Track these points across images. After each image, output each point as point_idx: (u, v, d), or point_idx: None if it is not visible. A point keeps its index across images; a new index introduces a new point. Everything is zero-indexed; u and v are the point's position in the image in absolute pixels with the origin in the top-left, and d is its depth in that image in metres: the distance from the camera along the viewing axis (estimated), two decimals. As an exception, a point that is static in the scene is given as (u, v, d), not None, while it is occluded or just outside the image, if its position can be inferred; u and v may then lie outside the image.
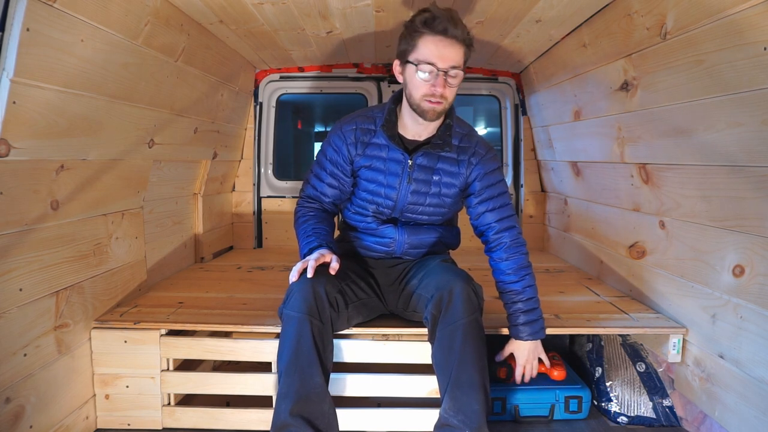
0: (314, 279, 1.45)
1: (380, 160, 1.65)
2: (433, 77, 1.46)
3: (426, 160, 1.64)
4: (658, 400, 1.79)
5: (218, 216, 2.91)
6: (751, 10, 1.23)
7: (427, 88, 1.48)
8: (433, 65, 1.45)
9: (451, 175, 1.66)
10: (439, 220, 1.75)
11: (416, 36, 1.47)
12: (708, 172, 1.56)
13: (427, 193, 1.66)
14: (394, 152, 1.63)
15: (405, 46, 1.50)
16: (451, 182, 1.66)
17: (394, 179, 1.65)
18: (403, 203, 1.67)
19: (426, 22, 1.45)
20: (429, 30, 1.44)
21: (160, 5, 1.69)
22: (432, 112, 1.52)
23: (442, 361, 1.45)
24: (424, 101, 1.50)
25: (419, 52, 1.46)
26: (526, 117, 3.10)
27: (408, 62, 1.50)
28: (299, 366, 1.40)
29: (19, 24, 1.18)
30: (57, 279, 1.53)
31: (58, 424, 1.53)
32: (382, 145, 1.64)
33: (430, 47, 1.45)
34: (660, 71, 1.65)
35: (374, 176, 1.66)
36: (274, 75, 3.06)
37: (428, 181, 1.65)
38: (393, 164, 1.64)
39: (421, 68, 1.46)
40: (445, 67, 1.45)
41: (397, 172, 1.64)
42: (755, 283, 1.40)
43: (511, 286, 1.62)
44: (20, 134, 1.29)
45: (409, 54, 1.49)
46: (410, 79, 1.51)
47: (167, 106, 2.00)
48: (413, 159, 1.63)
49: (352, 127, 1.66)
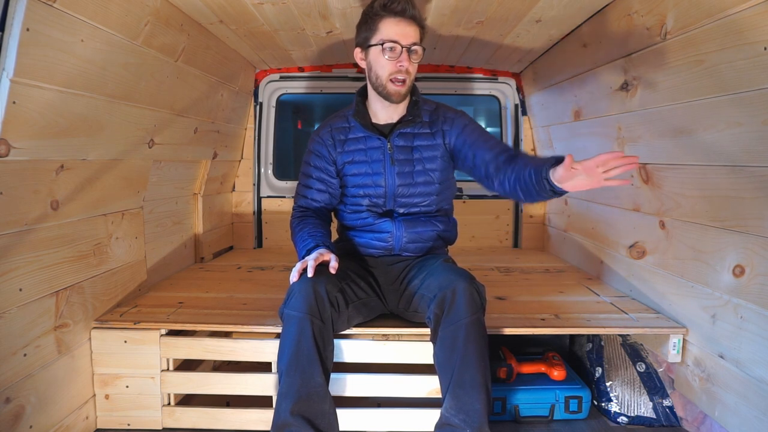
0: (315, 279, 1.46)
1: (360, 152, 1.74)
2: (398, 54, 1.58)
3: (403, 140, 1.73)
4: (658, 400, 1.79)
5: (218, 216, 2.91)
6: (751, 10, 1.23)
7: (393, 66, 1.59)
8: (397, 42, 1.57)
9: (430, 148, 1.74)
10: (434, 203, 1.76)
11: (377, 20, 1.60)
12: (708, 172, 1.56)
13: (413, 171, 1.73)
14: (371, 140, 1.73)
15: (366, 32, 1.63)
16: (432, 155, 1.73)
17: (378, 165, 1.72)
18: (392, 187, 1.72)
19: (385, 5, 1.57)
20: (388, 12, 1.58)
21: (160, 5, 1.69)
22: (397, 94, 1.63)
23: (445, 361, 1.45)
24: (390, 83, 1.61)
25: (382, 33, 1.59)
26: (526, 117, 3.10)
27: (371, 46, 1.62)
28: (300, 365, 1.40)
29: (19, 24, 1.18)
30: (57, 279, 1.53)
31: (58, 424, 1.53)
32: (359, 138, 1.74)
33: (392, 27, 1.58)
34: (660, 71, 1.65)
35: (359, 168, 1.74)
36: (274, 75, 3.06)
37: (410, 159, 1.72)
38: (373, 152, 1.72)
39: (386, 47, 1.58)
40: (407, 44, 1.58)
41: (379, 158, 1.72)
42: (755, 283, 1.40)
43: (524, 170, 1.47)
44: (20, 134, 1.29)
45: (372, 38, 1.61)
46: (375, 61, 1.62)
47: (167, 106, 2.01)
48: (391, 141, 1.71)
49: (327, 130, 1.77)
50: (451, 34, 2.30)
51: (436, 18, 2.06)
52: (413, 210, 1.75)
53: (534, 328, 1.72)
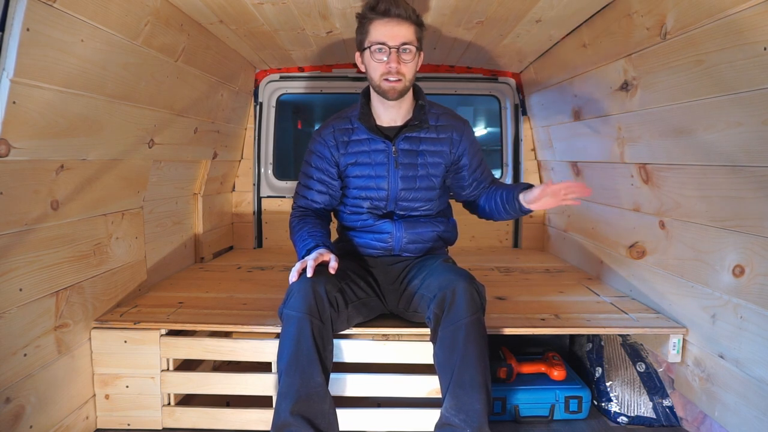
0: (314, 279, 1.46)
1: (364, 154, 1.72)
2: (386, 55, 1.58)
3: (408, 144, 1.71)
4: (658, 400, 1.79)
5: (218, 216, 2.91)
6: (751, 10, 1.23)
7: (383, 67, 1.59)
8: (383, 44, 1.57)
9: (435, 154, 1.74)
10: (434, 207, 1.78)
11: (366, 23, 1.60)
12: (708, 172, 1.56)
13: (416, 176, 1.72)
14: (376, 143, 1.71)
15: (360, 36, 1.64)
16: (436, 161, 1.74)
17: (382, 168, 1.71)
18: (395, 191, 1.72)
19: (372, 7, 1.58)
20: (375, 14, 1.58)
21: (160, 5, 1.69)
22: (392, 90, 1.61)
23: (445, 361, 1.45)
24: (383, 81, 1.60)
25: (371, 35, 1.59)
26: (526, 117, 3.10)
27: (365, 49, 1.62)
28: (300, 365, 1.40)
29: (19, 24, 1.18)
30: (57, 279, 1.53)
31: (58, 424, 1.53)
32: (363, 140, 1.72)
33: (379, 29, 1.58)
34: (660, 71, 1.65)
35: (362, 171, 1.73)
36: (274, 75, 3.06)
37: (414, 164, 1.72)
38: (377, 155, 1.71)
39: (373, 49, 1.58)
40: (395, 45, 1.57)
41: (383, 161, 1.71)
42: (755, 283, 1.40)
43: (495, 192, 1.77)
44: (20, 134, 1.29)
45: (364, 42, 1.62)
46: (368, 64, 1.63)
47: (167, 106, 2.01)
48: (395, 144, 1.70)
49: (330, 131, 1.75)
50: (451, 34, 2.31)
51: (436, 18, 2.06)
52: (414, 214, 1.76)
53: (534, 328, 1.72)
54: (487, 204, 1.79)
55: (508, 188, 1.73)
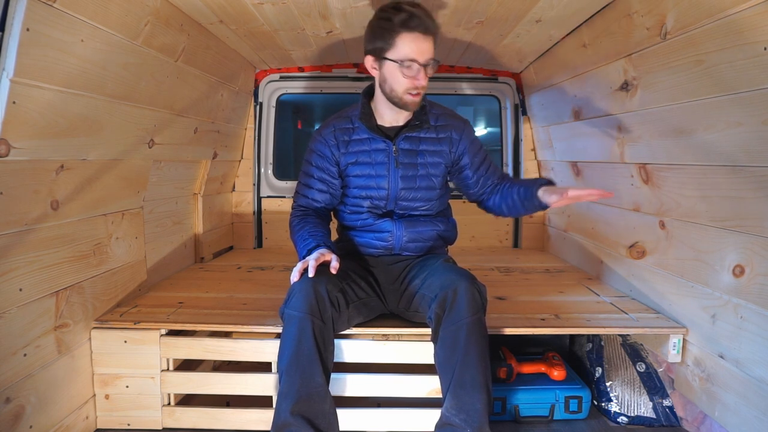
0: (315, 278, 1.45)
1: (365, 154, 1.72)
2: (415, 72, 1.56)
3: (408, 143, 1.72)
4: (658, 400, 1.79)
5: (218, 216, 2.91)
6: (751, 10, 1.23)
7: (410, 83, 1.57)
8: (414, 61, 1.54)
9: (435, 154, 1.74)
10: (434, 207, 1.78)
11: (394, 35, 1.54)
12: (708, 172, 1.56)
13: (416, 175, 1.73)
14: (376, 143, 1.71)
15: (381, 44, 1.57)
16: (436, 161, 1.74)
17: (382, 168, 1.71)
18: (395, 190, 1.72)
19: (404, 22, 1.52)
20: (407, 29, 1.52)
21: (160, 5, 1.69)
22: (414, 104, 1.63)
23: (445, 360, 1.45)
24: (407, 95, 1.60)
25: (399, 50, 1.54)
26: (526, 117, 3.10)
27: (386, 59, 1.57)
28: (300, 365, 1.40)
29: (19, 24, 1.18)
30: (57, 279, 1.53)
31: (58, 424, 1.53)
32: (364, 139, 1.72)
33: (410, 45, 1.53)
34: (660, 71, 1.65)
35: (362, 170, 1.73)
36: (274, 75, 3.06)
37: (414, 163, 1.72)
38: (378, 154, 1.71)
39: (404, 65, 1.54)
40: (425, 61, 1.56)
41: (383, 161, 1.71)
42: (755, 283, 1.40)
43: (511, 189, 1.74)
44: (20, 134, 1.29)
45: (387, 51, 1.56)
46: (391, 76, 1.59)
47: (167, 106, 2.00)
48: (396, 144, 1.70)
49: (331, 130, 1.75)
50: (451, 34, 2.30)
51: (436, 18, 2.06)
52: (413, 213, 1.76)
53: (534, 328, 1.73)
54: (503, 202, 1.76)
55: (525, 185, 1.70)
